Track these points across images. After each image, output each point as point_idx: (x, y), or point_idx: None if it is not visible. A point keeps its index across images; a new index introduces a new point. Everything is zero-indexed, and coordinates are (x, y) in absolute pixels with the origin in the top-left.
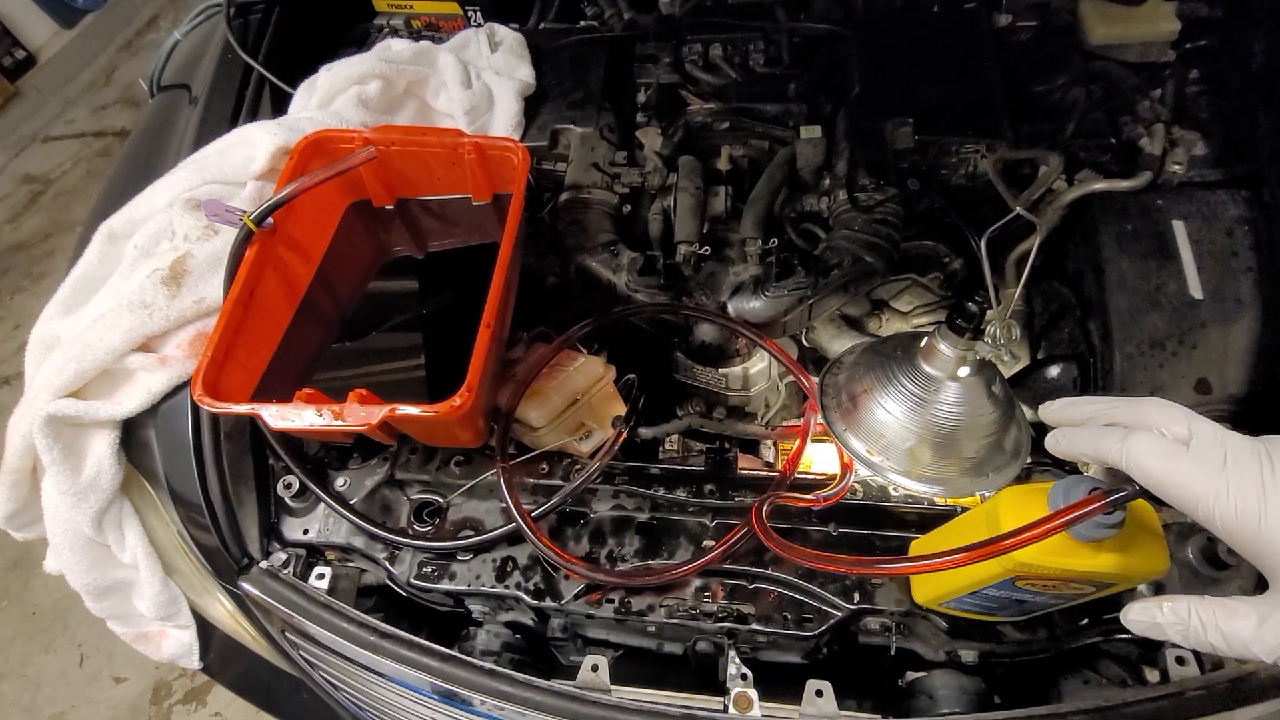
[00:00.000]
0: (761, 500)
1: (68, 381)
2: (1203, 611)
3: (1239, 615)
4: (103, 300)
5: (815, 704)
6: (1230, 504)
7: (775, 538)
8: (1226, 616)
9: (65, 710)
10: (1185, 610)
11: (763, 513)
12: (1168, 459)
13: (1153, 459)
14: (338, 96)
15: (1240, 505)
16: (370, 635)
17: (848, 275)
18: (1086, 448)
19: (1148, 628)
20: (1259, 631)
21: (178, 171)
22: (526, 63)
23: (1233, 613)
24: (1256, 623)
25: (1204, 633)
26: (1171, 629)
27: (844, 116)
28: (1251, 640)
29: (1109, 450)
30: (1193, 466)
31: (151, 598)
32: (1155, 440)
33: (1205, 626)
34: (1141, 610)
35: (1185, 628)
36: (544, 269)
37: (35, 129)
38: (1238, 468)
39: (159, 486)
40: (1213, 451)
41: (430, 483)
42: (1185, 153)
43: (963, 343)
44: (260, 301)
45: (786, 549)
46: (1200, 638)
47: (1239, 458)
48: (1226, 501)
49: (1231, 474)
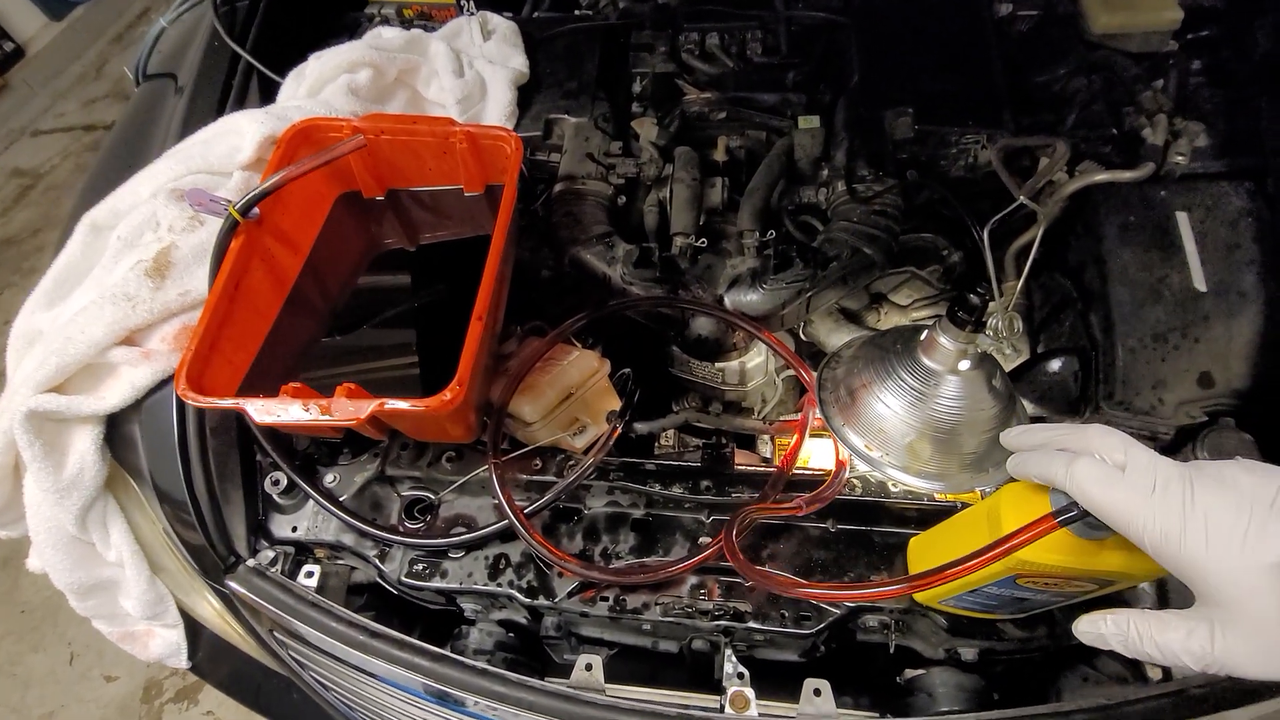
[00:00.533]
0: (734, 517)
1: (49, 376)
2: (1139, 624)
3: (1170, 628)
4: (85, 293)
5: (813, 703)
6: (1155, 527)
7: (745, 564)
8: (1160, 629)
9: (55, 709)
10: (1125, 623)
11: (732, 535)
12: (1106, 485)
13: (1093, 484)
14: (327, 85)
15: (1164, 528)
16: (360, 635)
17: (846, 268)
18: (1035, 471)
19: (1094, 638)
20: (1186, 643)
21: (162, 161)
22: (520, 51)
23: (1165, 625)
24: (1185, 634)
25: (1140, 643)
26: (1114, 639)
27: (843, 106)
28: (1181, 650)
29: (1055, 474)
30: (1127, 492)
31: (138, 597)
32: (1095, 466)
33: (1141, 637)
34: (1089, 622)
35: (1125, 638)
36: (537, 262)
37: (24, 122)
38: (1164, 494)
39: (143, 483)
40: (1145, 478)
41: (421, 479)
42: (1188, 144)
43: (964, 335)
44: (246, 294)
45: (760, 577)
46: (1138, 648)
47: (1166, 484)
48: (1153, 525)
49: (1158, 500)
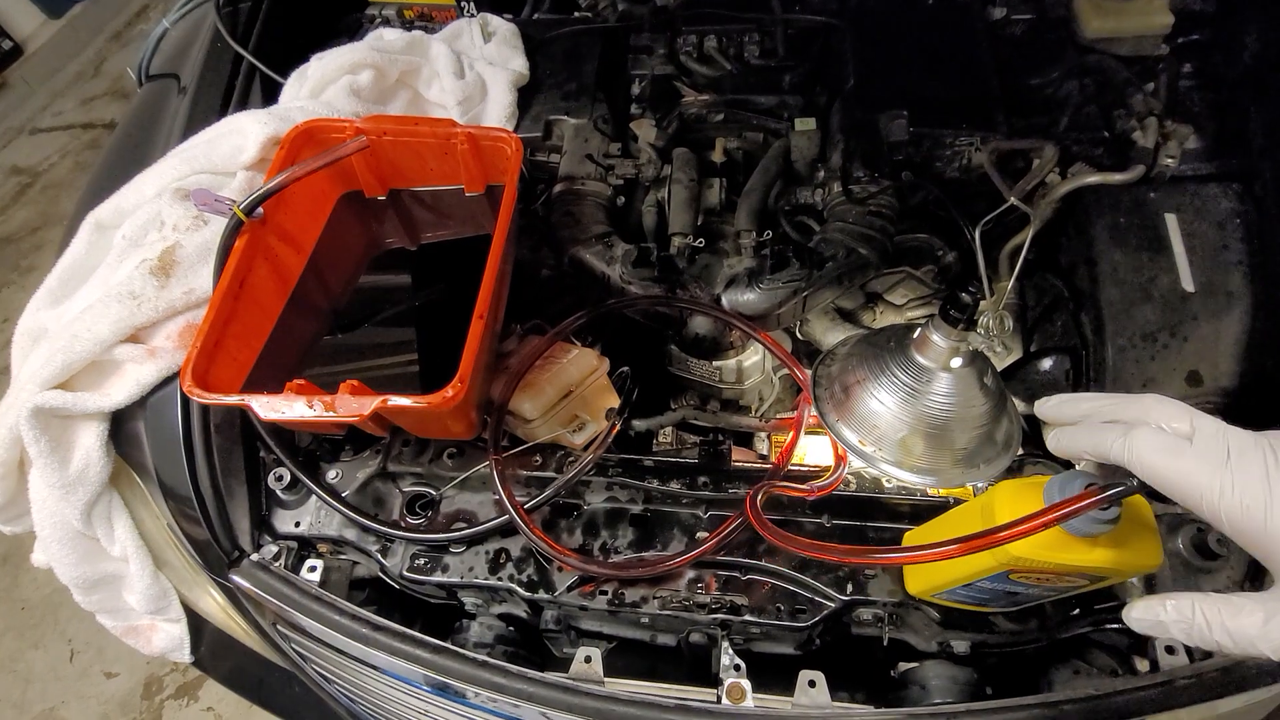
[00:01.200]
0: (756, 489)
1: (55, 373)
2: (1207, 609)
3: (1245, 612)
4: (91, 291)
5: (808, 694)
6: (1235, 499)
7: (770, 526)
8: (1232, 614)
9: (56, 706)
10: (1189, 608)
11: (757, 501)
12: (1172, 454)
13: (1157, 455)
14: (329, 86)
15: (1245, 500)
16: (363, 628)
17: (842, 267)
18: (1086, 445)
19: (1151, 625)
20: (1265, 629)
21: (166, 161)
22: (520, 53)
23: (1238, 610)
24: (1263, 619)
25: (1209, 630)
26: (1175, 627)
27: (838, 109)
28: (1258, 637)
29: (1110, 447)
30: (1197, 462)
31: (142, 591)
32: (1158, 436)
33: (1210, 624)
34: (1144, 609)
35: (1189, 625)
36: (537, 261)
37: (22, 121)
38: (1242, 463)
39: (148, 479)
40: (1216, 446)
41: (423, 475)
42: (1178, 146)
43: (956, 333)
44: (250, 292)
45: (782, 538)
46: (1205, 635)
47: (1242, 453)
48: (1231, 497)
49: (1236, 469)
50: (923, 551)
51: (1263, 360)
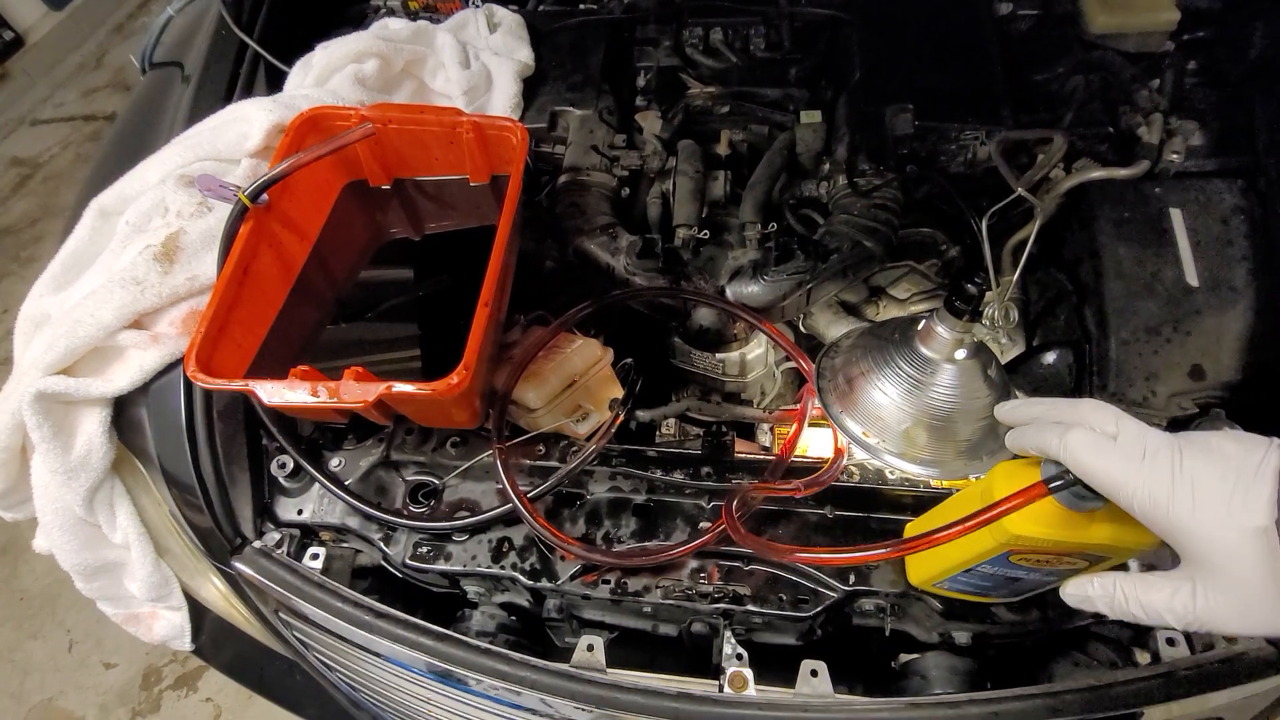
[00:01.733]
0: (732, 497)
1: (58, 358)
2: (1125, 585)
3: (1155, 588)
4: (94, 277)
5: (810, 684)
6: (1145, 491)
7: (744, 533)
8: (1145, 589)
9: (54, 696)
10: (1111, 585)
11: (733, 509)
12: (1096, 452)
13: (1085, 452)
14: (334, 75)
15: (1153, 492)
16: (365, 615)
17: (846, 260)
18: (1032, 443)
19: (1080, 600)
20: (1170, 601)
21: (171, 148)
22: (525, 44)
23: (1150, 586)
24: (1169, 594)
25: (1126, 604)
26: (1099, 600)
27: (844, 102)
28: (1164, 610)
29: (1050, 445)
30: (1118, 459)
31: (143, 579)
32: (1087, 435)
33: (1127, 598)
34: (1076, 585)
35: (1111, 599)
36: (541, 253)
37: (23, 112)
38: (1153, 460)
39: (151, 465)
40: (1135, 447)
41: (426, 464)
42: (1183, 142)
43: (960, 325)
44: (255, 279)
45: (757, 545)
46: (1124, 608)
47: (1156, 452)
48: (1142, 490)
49: (1148, 466)
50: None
51: (1266, 355)
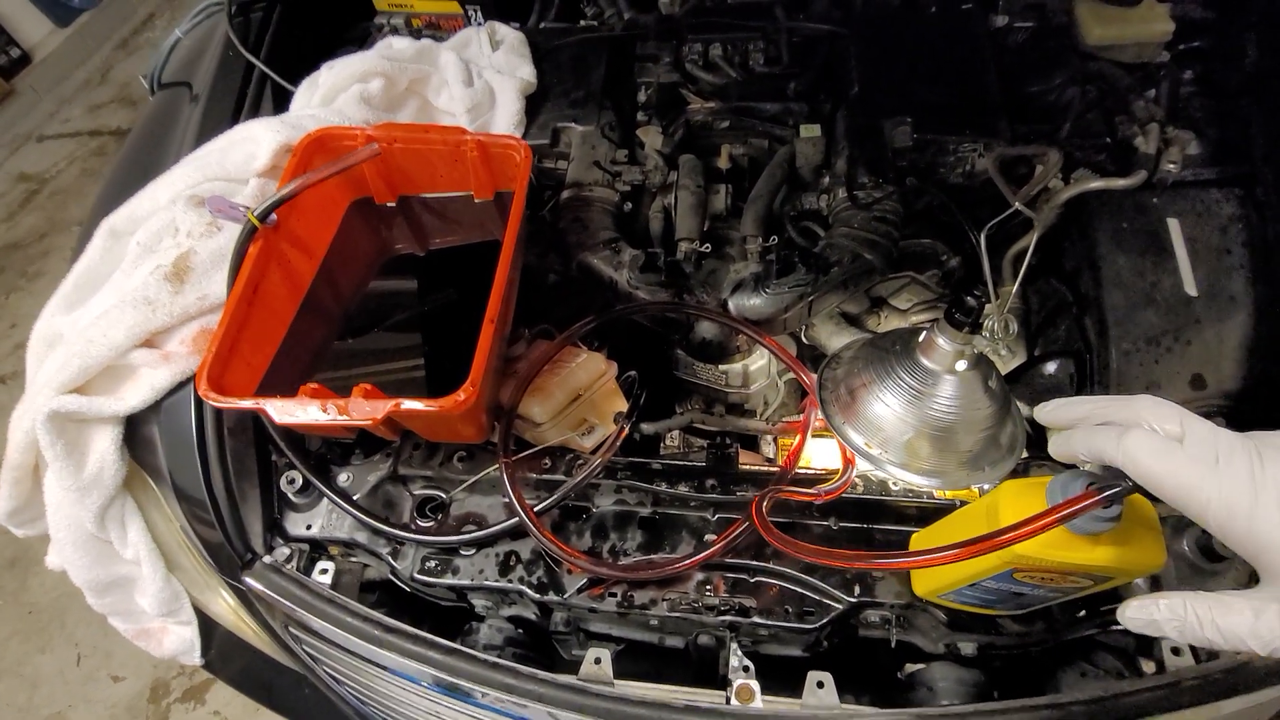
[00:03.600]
0: (763, 494)
1: (71, 377)
2: (1199, 607)
3: (1234, 610)
4: (105, 296)
5: (816, 695)
6: (1222, 500)
7: (776, 532)
8: (1223, 612)
9: (63, 709)
10: (1181, 606)
11: (763, 507)
12: (1162, 456)
13: (1148, 456)
14: (340, 94)
15: (1231, 501)
16: (374, 629)
17: (847, 272)
18: (1083, 448)
19: (1145, 625)
20: (1255, 625)
21: (180, 168)
22: (528, 61)
23: (1229, 608)
24: (1252, 617)
25: (1200, 628)
26: (1168, 625)
27: (843, 115)
28: (1248, 634)
29: (1105, 449)
30: (1186, 464)
31: (154, 594)
32: (1150, 438)
33: (1202, 622)
34: (1139, 608)
35: (1182, 624)
36: (545, 267)
37: (30, 128)
38: (1229, 465)
39: (162, 482)
40: (1206, 449)
41: (433, 478)
42: (1180, 152)
43: (961, 336)
44: (264, 298)
45: (787, 544)
46: (1197, 633)
47: (1231, 455)
48: (1218, 498)
49: (1224, 471)
50: (927, 556)
51: (1265, 363)
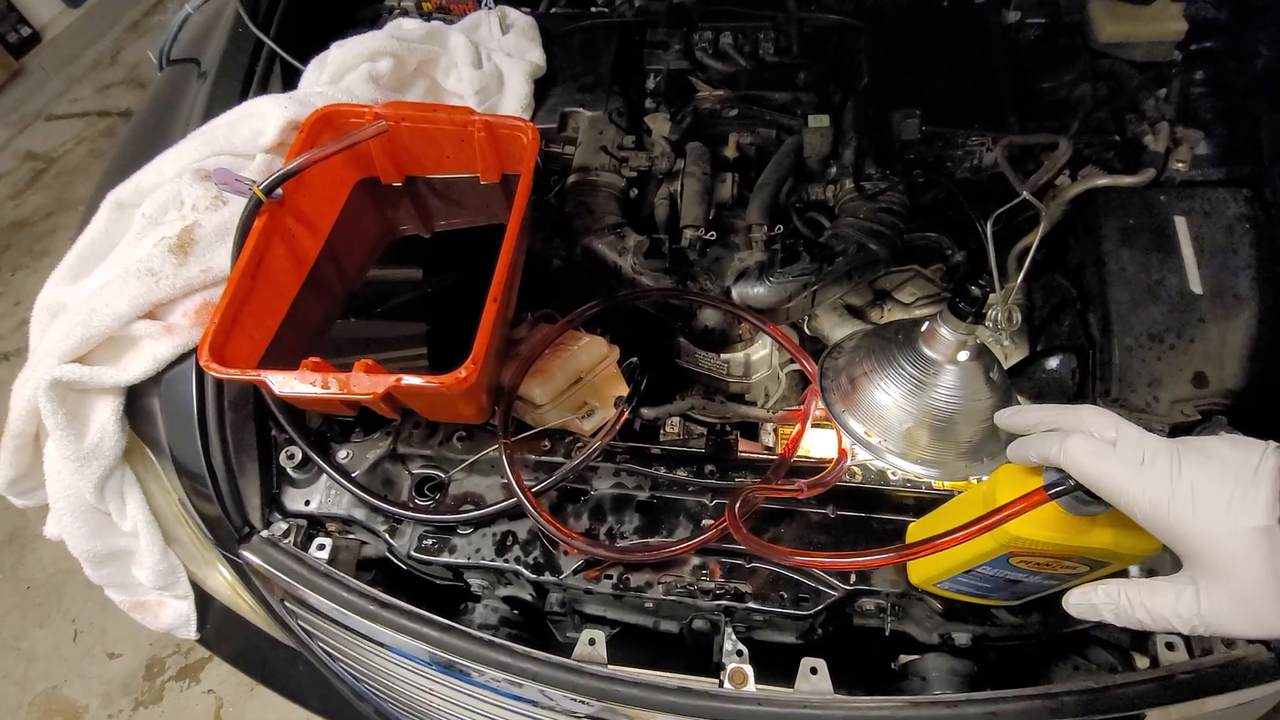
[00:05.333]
0: (735, 496)
1: (74, 346)
2: (1129, 591)
3: (1159, 593)
4: (110, 268)
5: (810, 680)
6: (1145, 496)
7: (749, 536)
8: (1150, 595)
9: (58, 684)
10: (1115, 591)
11: (735, 510)
12: (1097, 458)
13: (1085, 457)
14: (349, 73)
15: (1153, 497)
16: (370, 605)
17: (852, 262)
18: (1032, 451)
19: (1085, 609)
20: (1175, 606)
21: (187, 142)
22: (537, 45)
23: (1155, 591)
24: (1174, 598)
25: (1131, 610)
26: (1105, 609)
27: (852, 107)
28: (1170, 614)
29: (1049, 452)
30: (1118, 464)
31: (151, 567)
32: (1087, 441)
33: (1132, 604)
34: (1080, 594)
35: (1116, 606)
36: (549, 252)
37: (39, 107)
38: (1153, 465)
39: (161, 455)
40: (1134, 451)
41: (432, 458)
42: (1189, 151)
43: (964, 326)
44: (268, 272)
45: (761, 548)
46: (1129, 614)
47: (1154, 457)
48: (1143, 495)
49: (1147, 471)
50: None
51: (1268, 363)
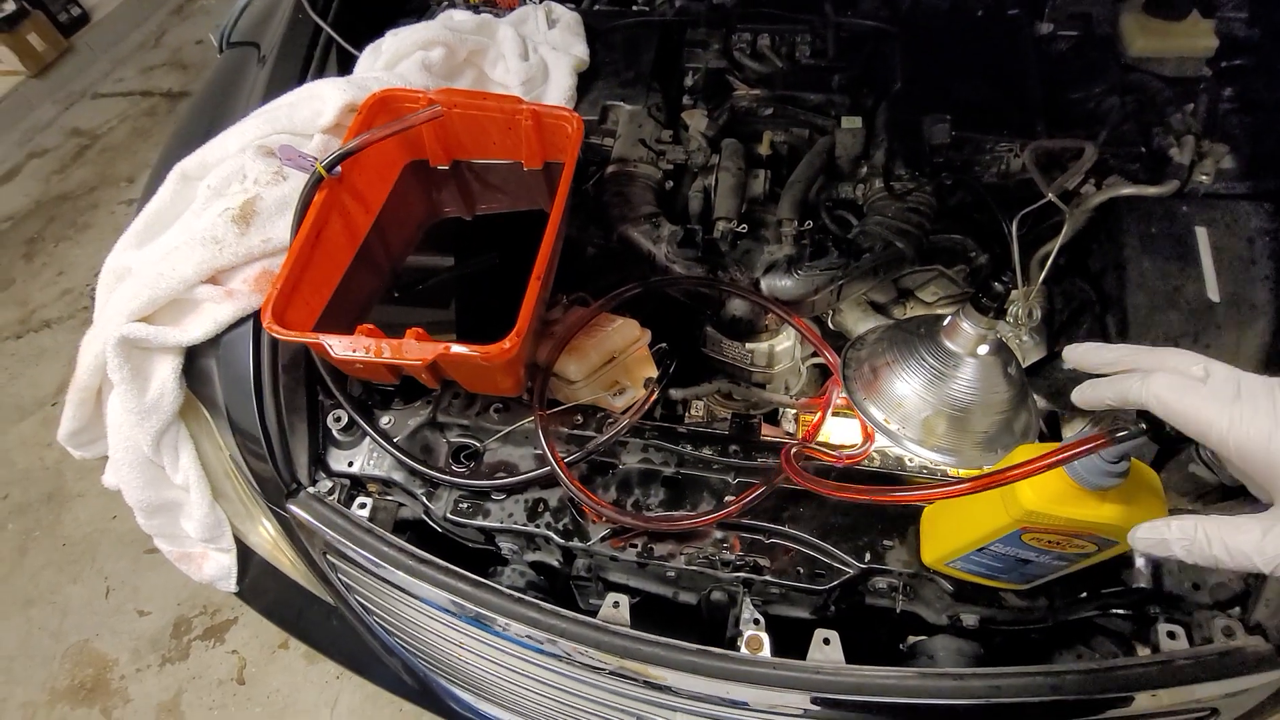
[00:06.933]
0: (789, 447)
1: (141, 306)
2: (1208, 526)
3: (1243, 529)
4: (175, 235)
5: (823, 650)
6: (1242, 428)
7: (801, 472)
8: (1232, 531)
9: (90, 638)
10: (1192, 526)
11: (791, 453)
12: (1187, 393)
13: (1172, 394)
14: (403, 60)
15: (1250, 430)
16: (409, 560)
17: (878, 259)
18: (1108, 392)
19: (1154, 544)
20: (1261, 543)
21: (250, 119)
22: (582, 40)
23: (1238, 527)
24: (1260, 535)
25: (1209, 545)
26: (1177, 544)
27: (884, 109)
28: (1254, 551)
29: (1131, 390)
30: (1210, 398)
31: (199, 519)
32: (1175, 377)
33: (1210, 539)
34: (1150, 528)
35: (1191, 542)
36: (584, 239)
37: (85, 85)
38: (1251, 398)
39: (216, 413)
40: (1228, 386)
41: (469, 427)
42: (1213, 164)
43: (985, 321)
44: (325, 244)
45: (813, 481)
46: (1205, 551)
47: (1253, 391)
48: (1240, 426)
49: (1245, 404)
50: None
51: None
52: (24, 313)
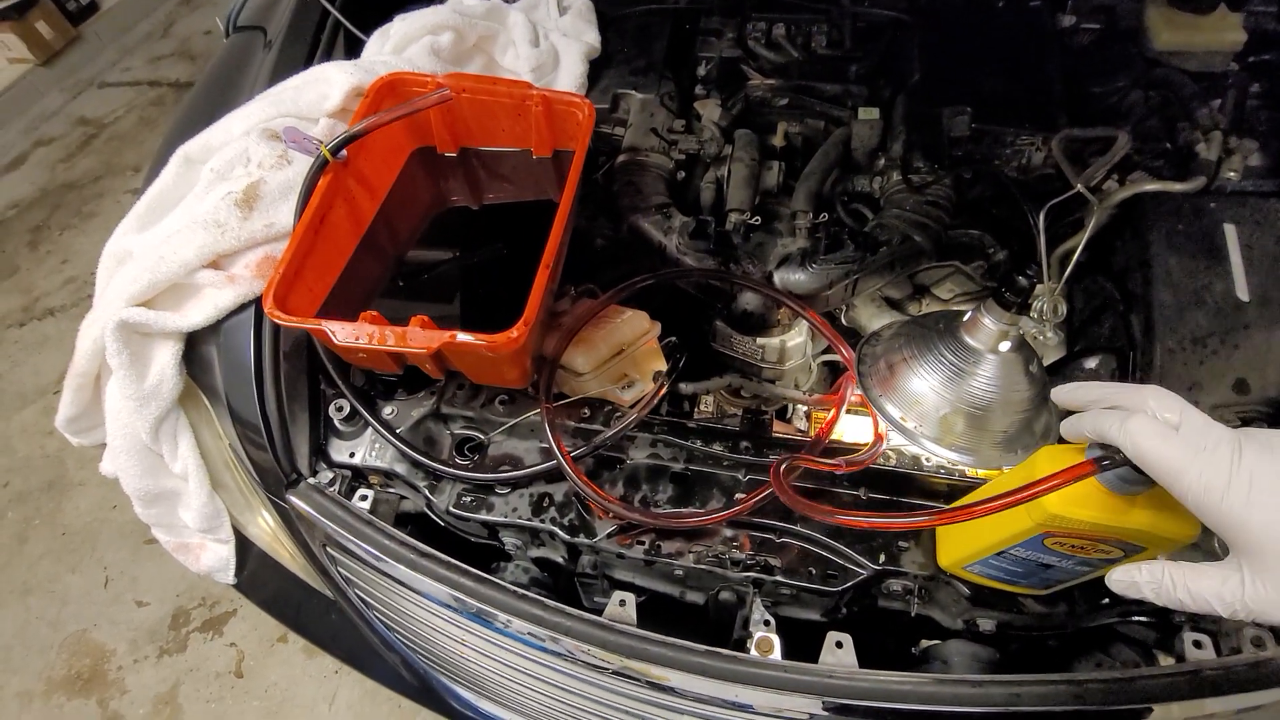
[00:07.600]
0: (780, 460)
1: (141, 290)
2: (1174, 572)
3: (1205, 576)
4: (177, 218)
5: (835, 654)
6: (1201, 481)
7: (791, 494)
8: (1195, 577)
9: (88, 628)
10: (1159, 571)
11: (780, 470)
12: (1158, 439)
13: (1146, 439)
14: (411, 44)
15: (1209, 483)
16: (410, 553)
17: (895, 253)
18: (1089, 427)
19: (1127, 586)
20: (1219, 589)
21: (255, 103)
22: (593, 27)
23: (1200, 573)
24: (1219, 582)
25: (1174, 589)
26: (1147, 587)
27: (902, 101)
28: (1213, 596)
29: (1110, 430)
30: (1179, 447)
31: (197, 509)
32: (1150, 422)
33: (1175, 584)
34: (1123, 572)
35: (1158, 585)
36: (593, 230)
37: (93, 74)
38: (1214, 452)
39: (216, 401)
40: (1197, 437)
41: (474, 419)
42: (1241, 161)
43: (1008, 316)
44: (329, 230)
45: (805, 506)
46: (1170, 594)
47: (1217, 444)
48: (1199, 479)
49: (1207, 456)
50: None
51: None
52: (28, 300)
